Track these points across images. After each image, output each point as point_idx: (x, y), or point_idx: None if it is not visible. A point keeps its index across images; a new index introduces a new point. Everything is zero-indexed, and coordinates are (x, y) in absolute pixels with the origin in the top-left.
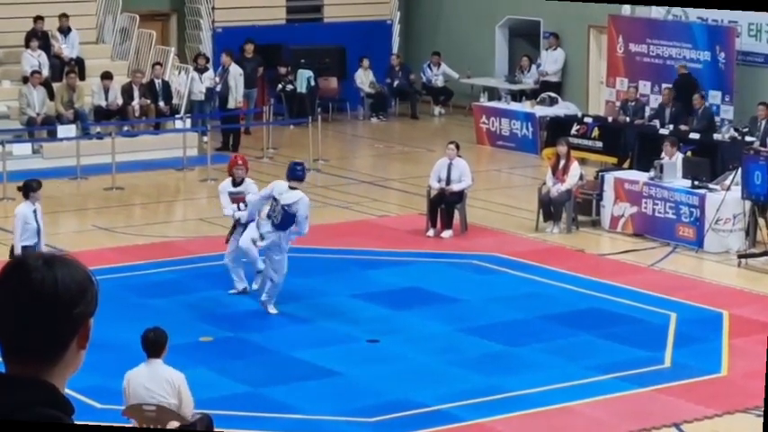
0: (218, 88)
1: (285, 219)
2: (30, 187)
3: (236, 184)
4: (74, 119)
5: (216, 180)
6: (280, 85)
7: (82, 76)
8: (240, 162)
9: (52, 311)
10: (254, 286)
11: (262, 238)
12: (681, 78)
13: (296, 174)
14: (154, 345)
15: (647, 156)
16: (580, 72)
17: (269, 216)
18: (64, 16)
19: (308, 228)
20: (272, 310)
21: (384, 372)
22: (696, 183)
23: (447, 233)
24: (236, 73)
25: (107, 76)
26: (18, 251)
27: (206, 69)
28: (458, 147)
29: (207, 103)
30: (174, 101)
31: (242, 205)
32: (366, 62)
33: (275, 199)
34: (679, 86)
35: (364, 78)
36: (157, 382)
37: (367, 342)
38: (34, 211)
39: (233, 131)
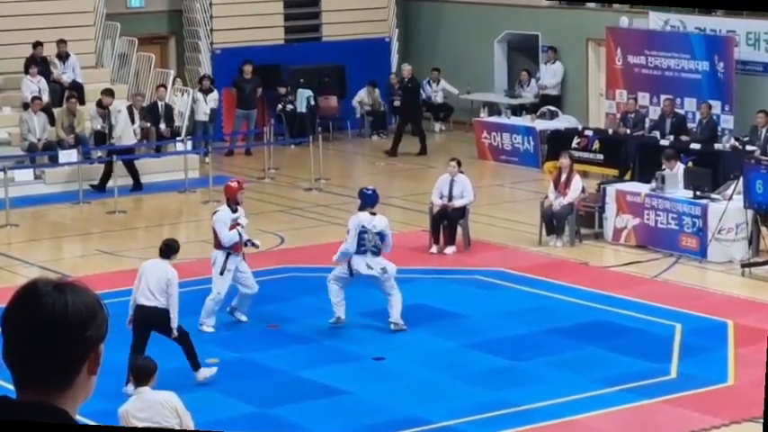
0: (105, 128)
1: (380, 242)
2: (171, 249)
3: (234, 210)
4: (75, 143)
5: (218, 201)
6: (279, 105)
7: (82, 101)
8: (243, 187)
9: (62, 336)
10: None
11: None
12: (408, 82)
13: (374, 199)
14: (143, 372)
15: (648, 167)
16: (579, 85)
17: (364, 251)
18: (62, 42)
19: None
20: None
21: (391, 389)
22: (698, 193)
23: (450, 249)
24: (122, 111)
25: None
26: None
27: (210, 90)
28: (459, 163)
29: (211, 123)
30: (176, 123)
31: (239, 229)
32: (374, 85)
33: (365, 231)
34: (406, 89)
35: (366, 98)
36: (153, 409)
37: (373, 360)
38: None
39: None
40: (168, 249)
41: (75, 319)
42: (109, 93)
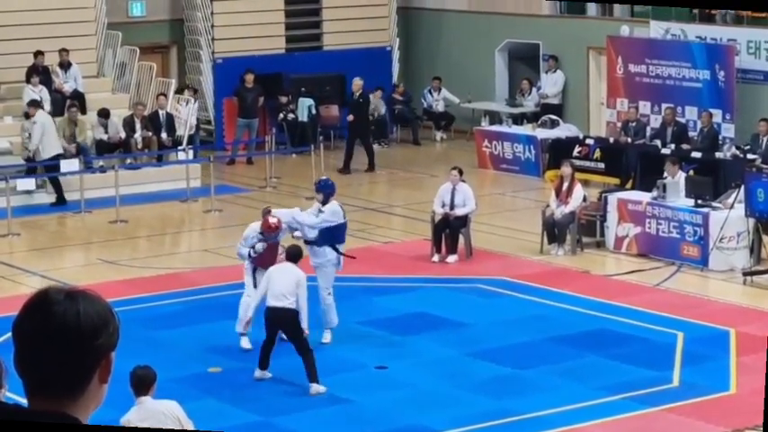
0: (30, 146)
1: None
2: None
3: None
4: (76, 153)
5: (220, 211)
6: (281, 115)
7: (83, 110)
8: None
9: (74, 344)
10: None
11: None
12: (360, 96)
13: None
14: (142, 382)
15: (649, 176)
16: (580, 94)
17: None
18: (64, 51)
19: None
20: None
21: (393, 397)
22: (699, 201)
23: (452, 258)
24: (38, 123)
25: (104, 113)
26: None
27: (195, 101)
28: (461, 172)
29: (196, 133)
30: (178, 132)
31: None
32: (379, 93)
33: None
34: (356, 105)
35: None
36: (155, 418)
37: (375, 368)
38: None
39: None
40: (298, 254)
41: (86, 327)
42: (34, 104)
